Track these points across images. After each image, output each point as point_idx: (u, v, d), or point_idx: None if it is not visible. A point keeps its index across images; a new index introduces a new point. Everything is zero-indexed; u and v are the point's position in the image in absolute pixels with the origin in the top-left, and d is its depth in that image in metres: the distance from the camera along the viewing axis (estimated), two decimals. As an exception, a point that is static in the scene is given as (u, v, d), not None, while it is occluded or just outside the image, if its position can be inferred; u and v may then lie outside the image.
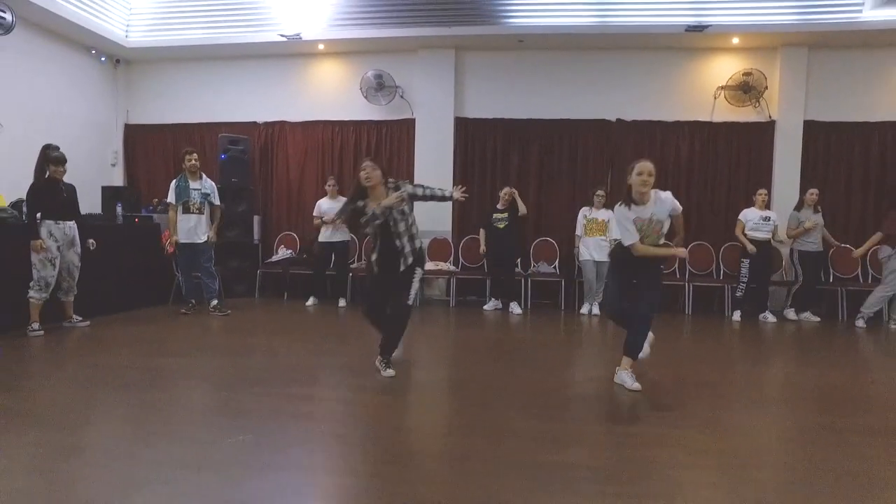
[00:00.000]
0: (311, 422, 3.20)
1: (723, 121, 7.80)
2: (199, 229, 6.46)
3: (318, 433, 3.04)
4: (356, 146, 8.41)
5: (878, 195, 7.68)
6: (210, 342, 5.33)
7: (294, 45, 8.09)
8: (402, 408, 3.57)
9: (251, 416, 3.23)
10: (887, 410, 3.64)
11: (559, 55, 7.97)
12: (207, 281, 6.60)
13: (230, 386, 3.82)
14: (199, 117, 8.67)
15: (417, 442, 3.02)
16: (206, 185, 6.56)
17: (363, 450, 2.88)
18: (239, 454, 2.69)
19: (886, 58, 7.58)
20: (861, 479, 2.57)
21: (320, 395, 3.74)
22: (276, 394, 3.65)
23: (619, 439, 3.02)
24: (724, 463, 2.72)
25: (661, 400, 3.73)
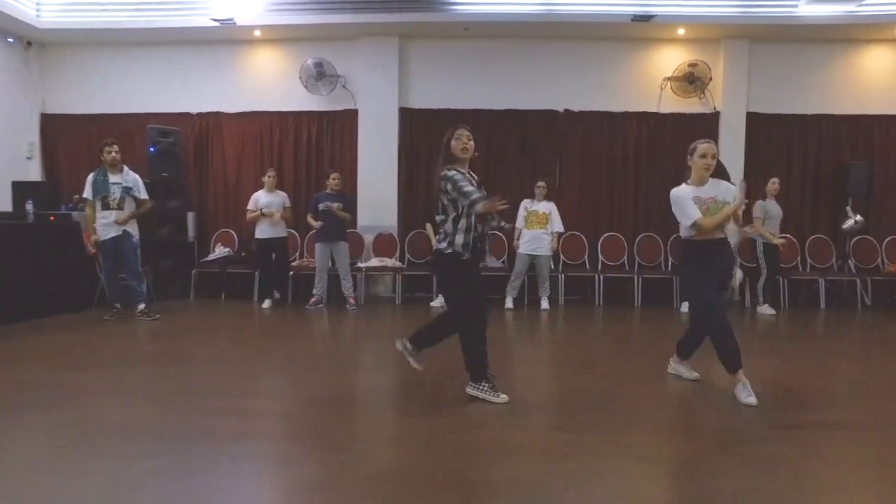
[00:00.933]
0: (242, 441, 2.88)
1: (669, 112, 7.79)
2: (117, 225, 5.94)
3: (247, 456, 2.73)
4: (296, 138, 8.03)
5: (816, 186, 7.84)
6: (131, 351, 4.89)
7: (228, 30, 7.62)
8: (347, 420, 3.28)
9: (167, 436, 2.89)
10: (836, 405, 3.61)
11: (506, 44, 7.79)
12: (133, 283, 6.12)
13: (147, 402, 3.46)
14: (127, 107, 8.07)
15: (359, 462, 2.76)
16: (129, 179, 6.05)
17: (298, 474, 2.60)
18: (143, 486, 2.36)
19: (821, 53, 7.74)
20: (817, 479, 2.46)
21: (256, 409, 3.40)
22: (202, 409, 3.31)
23: (559, 449, 2.84)
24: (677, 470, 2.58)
25: (603, 402, 3.58)
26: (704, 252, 3.58)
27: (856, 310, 7.28)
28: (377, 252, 7.70)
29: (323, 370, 4.34)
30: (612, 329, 6.42)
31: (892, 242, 7.64)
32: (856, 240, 7.63)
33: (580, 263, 7.73)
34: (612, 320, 6.76)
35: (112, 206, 5.95)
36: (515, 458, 2.68)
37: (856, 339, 6.08)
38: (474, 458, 2.67)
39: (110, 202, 5.94)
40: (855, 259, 7.63)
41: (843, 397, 3.79)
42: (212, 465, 2.58)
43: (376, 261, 7.54)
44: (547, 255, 7.04)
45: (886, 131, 7.71)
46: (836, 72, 7.78)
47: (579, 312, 7.06)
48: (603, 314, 7.06)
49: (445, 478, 2.47)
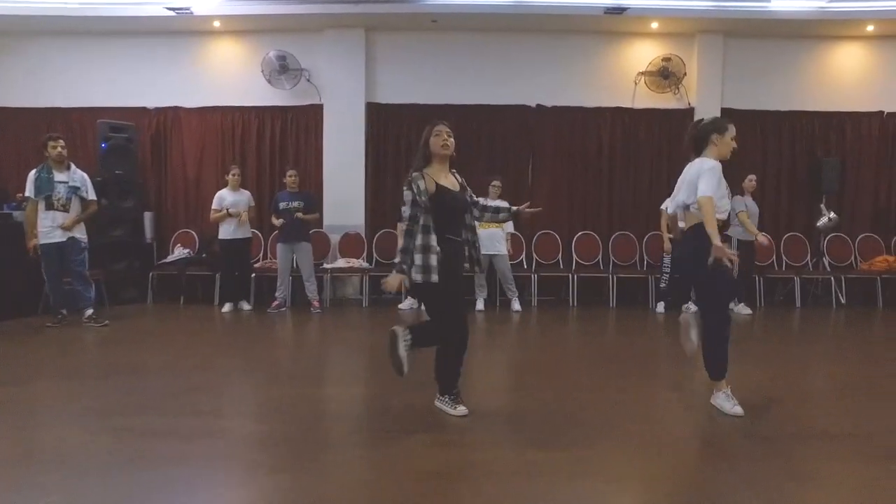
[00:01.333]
0: (177, 467, 2.57)
1: (644, 107, 7.64)
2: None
3: (179, 484, 2.42)
4: (259, 134, 7.70)
5: (790, 183, 7.76)
6: (70, 361, 4.53)
7: (186, 21, 7.28)
8: (301, 440, 2.99)
9: (88, 463, 2.58)
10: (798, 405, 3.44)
11: (476, 37, 7.57)
12: (79, 287, 5.73)
13: (75, 420, 3.13)
14: (78, 101, 7.65)
15: (312, 490, 2.47)
16: (76, 178, 5.67)
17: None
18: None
19: (795, 49, 7.67)
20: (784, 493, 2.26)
21: (198, 429, 3.09)
22: (138, 428, 2.99)
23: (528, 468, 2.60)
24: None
25: (573, 415, 3.36)
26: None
27: (831, 308, 7.21)
28: (343, 252, 7.41)
29: (280, 382, 4.04)
30: (586, 331, 6.23)
31: (865, 240, 7.60)
32: (829, 237, 7.57)
33: (553, 263, 7.53)
34: (586, 322, 6.58)
35: (57, 206, 5.56)
36: (484, 480, 2.44)
37: (833, 340, 5.96)
38: (441, 483, 2.42)
39: (55, 202, 5.55)
40: (829, 257, 7.56)
41: (825, 404, 3.63)
42: (134, 497, 2.28)
43: (343, 262, 7.25)
44: (504, 254, 6.83)
45: (858, 128, 7.66)
46: (809, 68, 7.71)
47: (553, 314, 6.86)
48: (577, 315, 6.87)
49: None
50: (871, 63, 7.65)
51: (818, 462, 2.66)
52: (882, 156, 7.66)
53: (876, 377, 4.18)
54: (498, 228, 6.78)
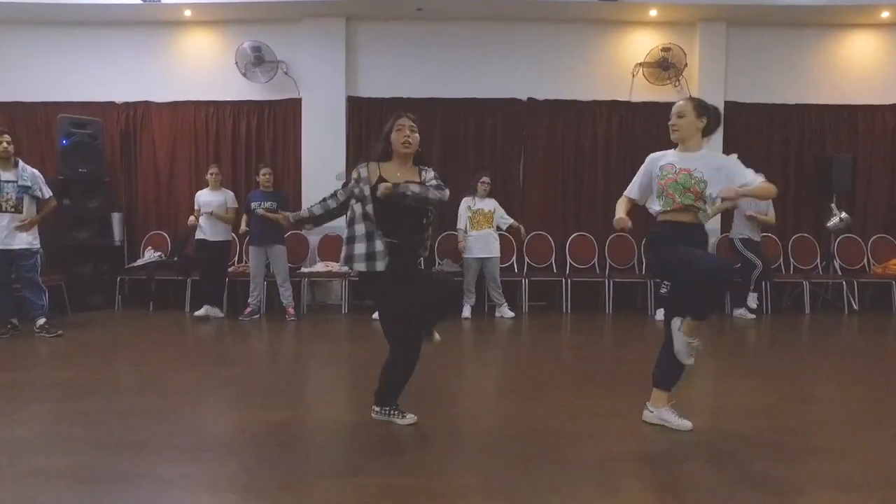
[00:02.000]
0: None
1: (642, 100, 7.21)
2: (12, 231, 5.16)
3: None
4: (234, 130, 7.32)
5: (798, 181, 7.33)
6: (11, 378, 4.11)
7: (155, 10, 6.89)
8: (240, 477, 2.56)
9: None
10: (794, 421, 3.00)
11: (463, 26, 7.18)
12: (30, 296, 5.31)
13: (26, 444, 2.72)
14: (39, 95, 7.21)
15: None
16: (25, 176, 5.24)
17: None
18: None
19: (803, 38, 7.25)
20: None
21: (145, 471, 2.66)
22: (64, 473, 2.56)
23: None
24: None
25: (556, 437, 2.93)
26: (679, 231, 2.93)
27: (842, 315, 6.77)
28: (323, 256, 6.99)
29: (246, 405, 3.59)
30: (578, 343, 5.79)
31: (878, 242, 7.16)
32: (840, 239, 7.13)
33: (546, 266, 7.10)
34: (580, 331, 6.16)
35: (6, 208, 5.16)
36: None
37: (843, 352, 5.50)
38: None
39: (2, 203, 5.15)
40: (840, 259, 7.12)
41: (832, 433, 3.17)
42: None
43: (321, 265, 6.84)
44: (497, 256, 6.41)
45: (871, 122, 7.23)
46: (818, 59, 7.28)
47: (544, 321, 6.44)
48: (570, 323, 6.45)
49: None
50: (886, 52, 7.22)
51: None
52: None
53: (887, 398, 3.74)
54: (490, 229, 6.39)
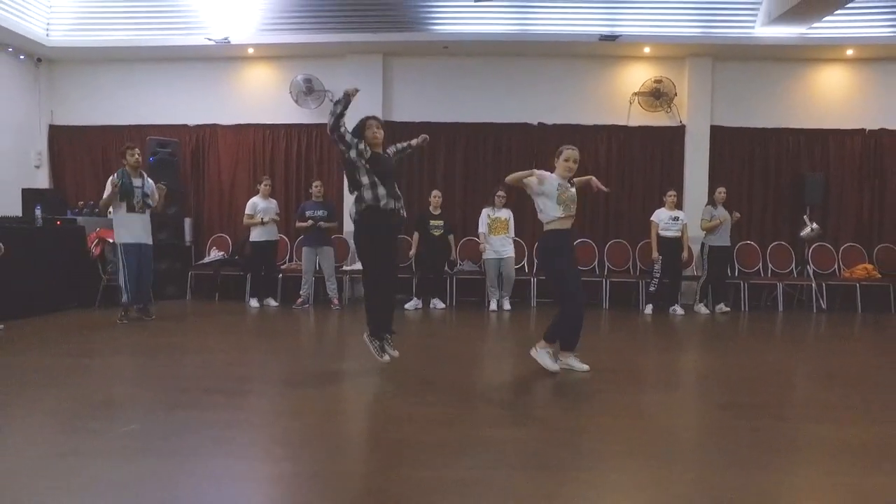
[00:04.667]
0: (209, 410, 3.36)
1: (638, 125, 8.27)
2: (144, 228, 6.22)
3: (213, 421, 3.20)
4: (287, 149, 8.53)
5: (776, 195, 8.29)
6: (133, 341, 5.38)
7: (224, 49, 8.15)
8: (316, 405, 3.74)
9: (152, 408, 3.37)
10: (761, 386, 4.06)
11: (483, 61, 8.29)
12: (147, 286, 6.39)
13: (140, 382, 3.94)
14: (128, 119, 8.59)
15: (309, 428, 3.22)
16: (148, 184, 6.25)
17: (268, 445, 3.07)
18: (124, 442, 2.84)
19: (780, 71, 8.21)
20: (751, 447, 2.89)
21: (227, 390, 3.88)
22: (187, 388, 3.79)
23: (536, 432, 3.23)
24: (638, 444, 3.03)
25: (578, 389, 4.02)
26: (564, 239, 4.17)
27: (812, 312, 7.71)
28: (361, 256, 8.16)
29: (298, 377, 4.79)
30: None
31: (848, 249, 8.08)
32: (814, 247, 8.07)
33: (553, 268, 8.17)
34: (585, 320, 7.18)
35: (137, 209, 6.10)
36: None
37: (802, 339, 6.49)
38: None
39: (135, 205, 6.09)
40: (813, 265, 8.05)
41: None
42: (189, 426, 3.05)
43: (359, 264, 7.99)
44: (512, 257, 7.53)
45: (841, 144, 8.17)
46: (794, 88, 8.25)
47: (550, 314, 7.45)
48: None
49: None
50: (853, 84, 8.17)
51: (772, 420, 3.30)
52: (864, 171, 8.16)
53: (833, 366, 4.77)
54: (506, 235, 7.48)
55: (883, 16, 7.51)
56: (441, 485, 2.42)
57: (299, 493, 2.42)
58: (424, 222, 7.68)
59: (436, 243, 7.64)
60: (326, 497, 2.36)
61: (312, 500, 2.35)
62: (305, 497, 2.37)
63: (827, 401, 3.81)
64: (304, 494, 2.40)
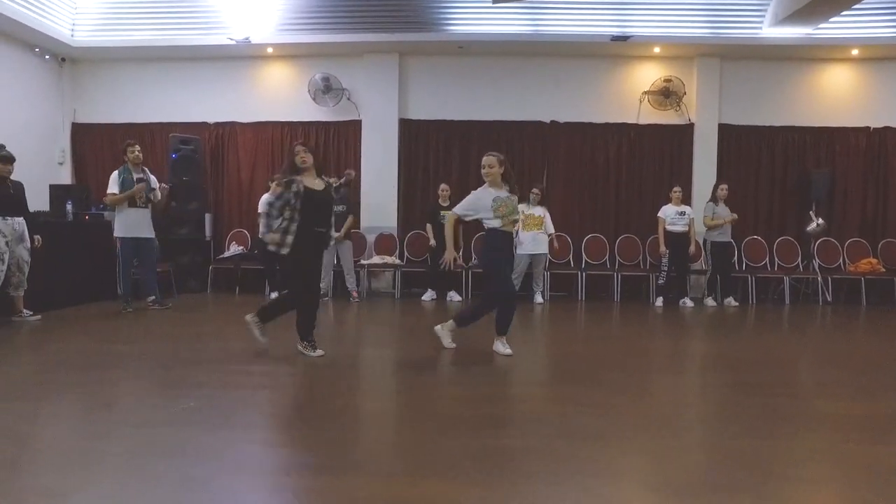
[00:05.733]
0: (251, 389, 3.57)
1: (647, 123, 8.47)
2: (143, 222, 6.38)
3: (258, 401, 3.42)
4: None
5: (782, 191, 8.49)
6: (163, 331, 5.60)
7: (244, 48, 8.34)
8: (348, 384, 3.96)
9: (202, 387, 3.59)
10: (768, 368, 4.27)
11: (497, 61, 8.49)
12: (148, 277, 6.60)
13: (183, 365, 4.15)
14: (150, 117, 8.79)
15: (341, 404, 3.43)
16: (150, 179, 6.42)
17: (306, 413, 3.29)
18: (188, 416, 3.05)
19: (787, 70, 8.40)
20: (759, 419, 3.12)
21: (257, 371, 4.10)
22: (228, 370, 4.00)
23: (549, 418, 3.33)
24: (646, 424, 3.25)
25: (574, 374, 4.24)
26: (507, 241, 4.54)
27: (817, 305, 7.91)
28: (378, 251, 8.37)
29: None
30: (593, 322, 7.06)
31: (853, 244, 8.28)
32: (820, 241, 8.27)
33: (565, 262, 8.39)
34: (593, 313, 7.40)
35: (139, 203, 6.30)
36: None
37: (800, 329, 6.69)
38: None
39: (136, 200, 6.28)
40: (819, 259, 8.25)
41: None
42: (243, 406, 3.26)
43: (378, 258, 8.22)
44: (545, 253, 7.71)
45: (846, 142, 8.36)
46: (800, 88, 8.44)
47: (565, 306, 7.71)
48: (585, 308, 7.70)
49: (448, 445, 3.11)
50: (858, 83, 8.37)
51: (775, 398, 3.51)
52: (868, 168, 8.35)
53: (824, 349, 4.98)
54: (540, 231, 7.61)
55: (887, 17, 7.69)
56: (493, 451, 2.65)
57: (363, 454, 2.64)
58: (435, 214, 7.87)
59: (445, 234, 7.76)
60: (375, 457, 2.59)
61: (363, 459, 2.57)
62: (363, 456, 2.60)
63: (834, 381, 4.03)
64: (359, 454, 2.62)
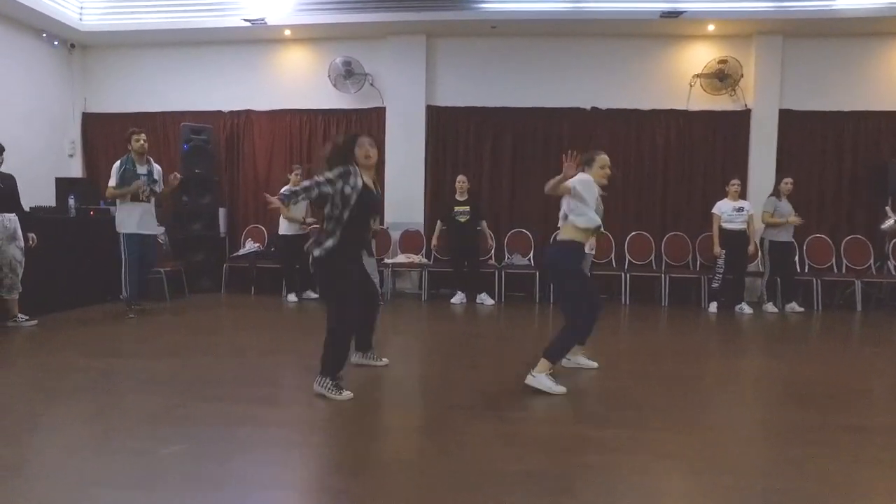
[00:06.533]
0: (263, 427, 2.98)
1: (698, 109, 7.69)
2: (147, 218, 5.93)
3: (269, 440, 2.82)
4: (325, 136, 8.11)
5: (852, 185, 7.64)
6: (168, 341, 5.05)
7: (259, 30, 7.79)
8: (364, 410, 3.36)
9: (196, 422, 3.00)
10: (865, 406, 3.53)
11: (533, 42, 7.79)
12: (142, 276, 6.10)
13: (181, 390, 3.58)
14: (162, 105, 8.31)
15: (378, 450, 2.82)
16: (155, 171, 5.96)
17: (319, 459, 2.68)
18: (174, 467, 2.46)
19: (860, 47, 7.53)
20: (843, 481, 2.43)
21: (276, 399, 3.51)
22: (229, 397, 3.42)
23: (581, 443, 2.85)
24: (697, 468, 2.57)
25: (628, 398, 3.58)
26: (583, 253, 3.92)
27: (894, 313, 7.07)
28: (404, 249, 7.77)
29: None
30: (636, 329, 6.35)
31: (933, 244, 7.41)
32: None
33: (606, 262, 7.67)
34: (638, 319, 6.69)
35: (142, 198, 5.84)
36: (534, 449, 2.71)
37: (872, 340, 5.89)
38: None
39: (139, 194, 5.82)
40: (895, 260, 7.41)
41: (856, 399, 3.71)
42: (245, 449, 2.66)
43: (403, 257, 7.61)
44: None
45: (928, 128, 7.48)
46: (874, 67, 7.56)
47: (608, 311, 6.98)
48: (629, 313, 6.99)
49: (468, 470, 2.50)
50: (942, 61, 7.46)
51: (868, 447, 2.80)
52: (953, 157, 7.45)
53: None
54: None
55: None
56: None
57: None
58: (448, 209, 7.23)
59: (464, 230, 7.17)
60: None
61: None
62: None
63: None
64: None
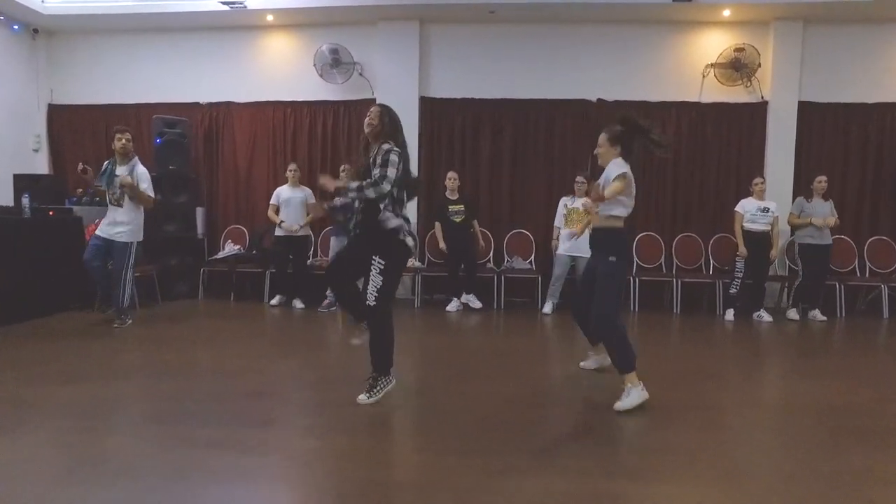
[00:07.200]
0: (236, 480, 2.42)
1: (712, 101, 7.17)
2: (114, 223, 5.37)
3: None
4: (311, 129, 7.59)
5: (876, 182, 7.14)
6: (123, 361, 4.47)
7: (239, 15, 7.22)
8: (365, 453, 2.80)
9: (147, 475, 2.44)
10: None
11: (535, 29, 7.24)
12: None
13: (133, 426, 3.01)
14: (135, 97, 7.72)
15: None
16: (136, 173, 5.36)
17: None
18: None
19: (886, 34, 7.03)
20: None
21: (255, 439, 2.94)
22: (191, 438, 2.85)
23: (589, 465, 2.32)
24: None
25: (642, 416, 3.05)
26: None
27: (922, 319, 6.59)
28: (395, 251, 7.21)
29: (327, 390, 3.86)
30: (651, 341, 5.81)
31: (963, 245, 6.93)
32: (923, 242, 6.93)
33: (613, 265, 7.14)
34: (650, 330, 6.16)
35: (111, 201, 5.35)
36: None
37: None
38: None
39: (109, 197, 5.34)
40: (922, 263, 6.92)
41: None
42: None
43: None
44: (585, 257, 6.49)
45: (959, 122, 6.98)
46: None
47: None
48: (639, 322, 6.47)
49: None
50: (975, 49, 6.97)
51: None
52: None
53: None
54: None
55: None
56: None
57: None
58: (444, 209, 6.71)
59: (459, 231, 6.66)
60: None
61: None
62: None
63: None
64: None
